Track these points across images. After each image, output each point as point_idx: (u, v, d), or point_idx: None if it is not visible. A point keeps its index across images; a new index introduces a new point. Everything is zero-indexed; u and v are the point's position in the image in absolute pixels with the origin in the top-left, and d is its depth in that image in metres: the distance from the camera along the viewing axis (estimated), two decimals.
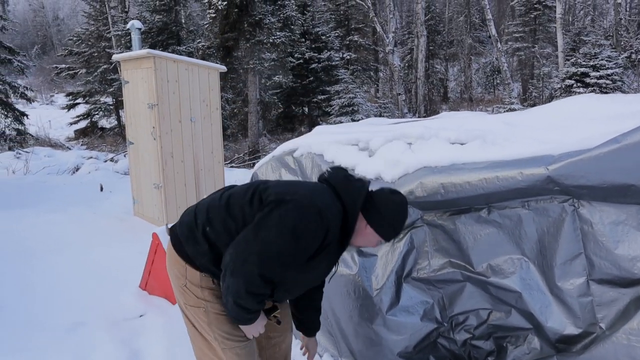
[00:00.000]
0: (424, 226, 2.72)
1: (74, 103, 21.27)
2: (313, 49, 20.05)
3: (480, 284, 2.54)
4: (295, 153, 3.38)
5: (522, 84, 25.93)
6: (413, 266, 2.77)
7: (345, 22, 25.76)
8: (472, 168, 2.39)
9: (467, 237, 2.55)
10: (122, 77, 6.66)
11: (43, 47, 58.35)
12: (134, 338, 3.73)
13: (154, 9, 17.68)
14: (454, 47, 31.07)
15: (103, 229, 6.38)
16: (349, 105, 16.28)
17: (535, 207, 2.30)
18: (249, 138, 16.32)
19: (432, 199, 2.53)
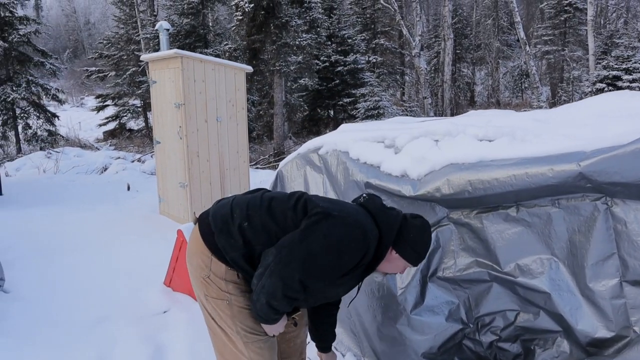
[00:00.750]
0: (450, 225, 2.67)
1: (103, 105, 21.67)
2: (339, 52, 20.04)
3: (508, 284, 2.48)
4: (321, 150, 3.36)
5: (551, 88, 25.51)
6: (438, 265, 2.72)
7: (372, 25, 25.71)
8: (500, 165, 2.32)
9: (494, 236, 2.49)
10: (150, 77, 6.75)
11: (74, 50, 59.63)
12: (157, 333, 3.75)
13: (182, 12, 17.90)
14: (481, 50, 30.73)
15: (129, 227, 6.46)
16: (374, 108, 16.22)
17: (565, 206, 2.23)
18: (274, 140, 16.37)
19: (460, 196, 2.47)
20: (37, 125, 17.04)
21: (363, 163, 3.00)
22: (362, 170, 2.97)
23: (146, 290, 4.44)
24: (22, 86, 16.09)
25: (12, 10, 16.11)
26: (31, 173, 10.76)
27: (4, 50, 15.71)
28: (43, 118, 17.10)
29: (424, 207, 2.70)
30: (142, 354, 3.45)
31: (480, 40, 31.15)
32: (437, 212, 2.68)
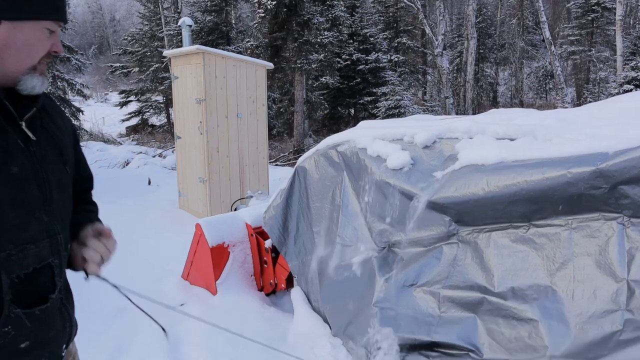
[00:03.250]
0: (458, 244, 2.58)
1: (127, 101, 21.96)
2: (361, 51, 19.98)
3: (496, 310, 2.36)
4: (339, 147, 3.34)
5: (577, 89, 25.09)
6: (427, 278, 2.66)
7: (394, 24, 25.56)
8: (520, 165, 2.27)
9: (496, 257, 2.39)
10: (172, 72, 6.81)
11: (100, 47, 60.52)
12: (174, 326, 3.76)
13: (206, 9, 18.04)
14: (505, 50, 30.36)
15: (149, 220, 6.53)
16: (395, 107, 16.14)
17: (578, 226, 2.12)
18: (294, 137, 16.40)
19: (476, 197, 2.41)
20: None
21: (381, 161, 2.98)
22: (380, 168, 2.95)
23: (164, 283, 4.47)
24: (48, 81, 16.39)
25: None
26: None
27: None
28: (68, 112, 17.39)
29: (436, 216, 2.65)
30: (159, 346, 3.48)
31: (505, 39, 30.77)
32: (448, 226, 2.61)
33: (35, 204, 1.24)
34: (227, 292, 4.03)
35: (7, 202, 1.17)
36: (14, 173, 1.19)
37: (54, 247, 1.31)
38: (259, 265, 4.14)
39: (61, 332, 1.37)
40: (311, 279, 3.49)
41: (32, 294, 1.26)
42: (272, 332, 3.60)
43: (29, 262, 1.23)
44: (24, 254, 1.22)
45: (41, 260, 1.27)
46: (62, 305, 1.37)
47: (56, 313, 1.34)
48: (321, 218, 3.44)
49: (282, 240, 3.71)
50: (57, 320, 1.34)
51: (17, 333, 1.22)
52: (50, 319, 1.31)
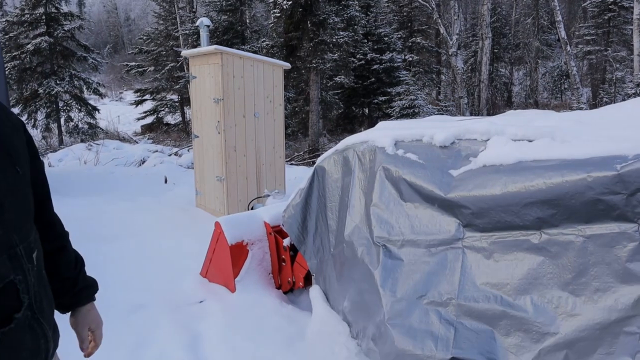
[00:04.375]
0: (462, 249, 2.58)
1: (142, 99, 22.17)
2: (375, 50, 19.99)
3: (516, 322, 2.33)
4: (358, 147, 3.38)
5: (592, 89, 24.88)
6: (438, 289, 2.63)
7: (408, 24, 25.51)
8: (539, 167, 2.28)
9: (510, 265, 2.37)
10: (190, 72, 6.88)
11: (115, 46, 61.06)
12: (193, 322, 3.83)
13: (221, 9, 18.16)
14: (520, 50, 30.19)
15: (167, 218, 6.61)
16: (409, 107, 16.14)
17: (592, 235, 2.10)
18: (309, 137, 16.45)
19: (492, 197, 2.42)
20: (78, 118, 17.60)
21: (400, 160, 3.01)
22: (397, 166, 2.98)
23: (183, 280, 4.53)
24: (65, 80, 16.62)
25: (57, 6, 16.64)
26: (73, 164, 11.10)
27: (49, 45, 16.22)
28: (84, 111, 17.63)
29: (448, 219, 2.65)
30: (179, 342, 3.53)
31: (519, 39, 30.60)
32: (454, 231, 2.61)
33: None
34: (245, 289, 4.08)
35: None
36: None
37: (14, 261, 1.16)
38: (277, 263, 4.19)
39: (34, 350, 1.23)
40: (329, 278, 3.54)
41: None
42: (290, 330, 3.64)
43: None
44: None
45: (2, 279, 1.13)
46: (32, 321, 1.22)
47: (25, 332, 1.20)
48: (336, 217, 3.48)
49: (301, 239, 3.76)
50: (27, 340, 1.20)
51: None
52: (18, 341, 1.18)
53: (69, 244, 1.61)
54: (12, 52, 16.27)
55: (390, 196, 2.97)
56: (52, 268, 1.44)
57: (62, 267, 1.53)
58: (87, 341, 1.57)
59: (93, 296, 1.64)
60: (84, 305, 1.60)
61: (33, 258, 1.25)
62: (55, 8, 16.62)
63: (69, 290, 1.55)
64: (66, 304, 1.55)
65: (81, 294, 1.59)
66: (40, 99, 16.45)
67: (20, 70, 16.30)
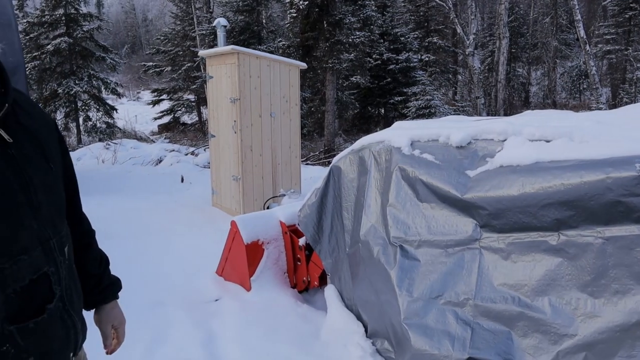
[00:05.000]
0: (479, 249, 2.57)
1: (159, 99, 22.35)
2: (391, 50, 19.93)
3: (533, 323, 2.31)
4: (374, 147, 3.38)
5: (612, 89, 24.55)
6: (454, 289, 2.62)
7: (425, 24, 25.40)
8: (556, 167, 2.26)
9: (528, 266, 2.35)
10: (207, 72, 6.93)
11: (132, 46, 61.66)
12: (209, 320, 3.86)
13: (237, 9, 18.25)
14: (538, 49, 29.88)
15: (183, 217, 6.67)
16: (426, 107, 16.08)
17: (611, 237, 2.07)
18: (324, 137, 16.46)
19: (510, 197, 2.40)
20: (96, 118, 17.80)
21: (416, 160, 3.00)
22: (414, 167, 2.98)
23: (198, 278, 4.57)
24: (84, 80, 16.82)
25: (76, 7, 16.85)
26: (91, 163, 11.23)
27: (68, 45, 16.44)
28: (102, 111, 17.83)
29: (464, 220, 2.64)
30: (195, 339, 3.56)
31: (537, 39, 30.29)
32: (471, 231, 2.60)
33: (23, 212, 1.16)
34: (261, 288, 4.10)
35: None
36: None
37: (48, 254, 1.22)
38: (293, 262, 4.21)
39: (64, 341, 1.28)
40: (344, 277, 3.54)
41: (29, 306, 1.18)
42: (305, 329, 3.65)
43: (24, 274, 1.16)
44: (18, 266, 1.14)
45: (37, 270, 1.19)
46: (63, 312, 1.27)
47: (56, 322, 1.25)
48: (351, 217, 3.49)
49: (316, 239, 3.77)
50: (58, 330, 1.26)
51: (18, 350, 1.15)
52: (50, 331, 1.23)
53: (95, 241, 1.65)
54: (33, 52, 16.52)
55: (407, 196, 2.97)
56: (79, 264, 1.47)
57: (88, 264, 1.57)
58: (110, 338, 1.60)
59: (117, 294, 1.67)
60: (108, 302, 1.63)
61: (65, 251, 1.30)
62: (74, 9, 16.83)
63: (94, 287, 1.58)
64: (91, 301, 1.57)
65: (106, 292, 1.63)
66: (59, 99, 16.68)
67: (40, 71, 16.54)
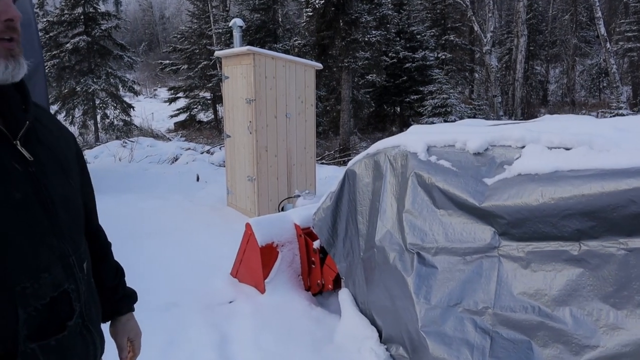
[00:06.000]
0: (498, 257, 2.53)
1: (175, 97, 22.48)
2: (407, 48, 19.82)
3: (554, 334, 2.27)
4: (389, 151, 3.35)
5: (633, 88, 24.17)
6: (473, 297, 2.58)
7: (442, 21, 25.20)
8: (577, 177, 2.21)
9: (547, 275, 2.31)
10: (223, 72, 6.94)
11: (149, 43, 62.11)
12: (223, 322, 3.86)
13: (254, 8, 18.28)
14: (557, 47, 29.52)
15: (198, 217, 6.69)
16: (442, 106, 15.96)
17: (634, 248, 2.03)
18: (340, 136, 16.43)
19: (529, 207, 2.36)
20: (113, 115, 17.97)
21: (432, 166, 2.97)
22: (430, 173, 2.94)
23: (213, 279, 4.58)
24: (102, 78, 16.98)
25: (95, 6, 17.01)
26: (108, 161, 11.32)
27: (87, 44, 16.60)
28: (119, 108, 17.99)
29: (482, 227, 2.61)
30: (209, 342, 3.57)
31: (556, 36, 29.92)
32: (489, 239, 2.56)
33: (44, 229, 1.15)
34: (275, 291, 4.10)
35: (16, 233, 1.08)
36: (18, 200, 1.09)
37: (68, 271, 1.21)
38: (307, 265, 4.20)
39: (84, 356, 1.27)
40: (358, 281, 3.52)
41: (50, 324, 1.17)
42: (319, 332, 3.65)
43: (45, 292, 1.14)
44: (39, 284, 1.12)
45: (57, 288, 1.17)
46: (82, 328, 1.26)
47: (76, 339, 1.24)
48: (366, 221, 3.47)
49: (331, 242, 3.75)
50: (78, 346, 1.25)
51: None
52: (71, 347, 1.22)
53: (111, 253, 1.66)
54: (52, 51, 16.70)
55: (423, 203, 2.94)
56: (95, 277, 1.47)
57: (104, 277, 1.57)
58: (125, 351, 1.60)
59: (132, 306, 1.67)
60: (123, 314, 1.63)
61: (84, 267, 1.29)
62: (93, 8, 16.98)
63: (109, 299, 1.58)
64: (106, 313, 1.57)
65: (121, 304, 1.63)
66: (77, 97, 16.86)
67: (59, 69, 16.72)
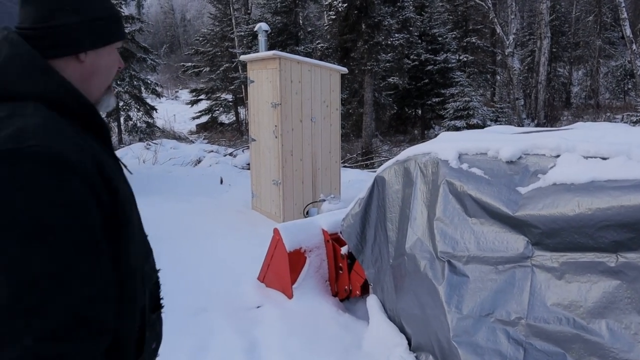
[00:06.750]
0: (531, 267, 2.51)
1: (197, 99, 22.67)
2: (429, 51, 19.73)
3: (590, 347, 2.23)
4: (419, 158, 3.34)
5: None
6: (505, 307, 2.56)
7: (463, 23, 25.02)
8: (614, 187, 2.18)
9: (582, 287, 2.28)
10: (248, 76, 6.99)
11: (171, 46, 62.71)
12: (251, 328, 3.88)
13: (275, 11, 18.36)
14: (581, 49, 29.09)
15: (223, 220, 6.74)
16: (464, 109, 15.84)
17: None
18: (362, 139, 16.40)
19: (564, 218, 2.33)
20: (137, 117, 18.17)
21: (464, 174, 2.96)
22: (462, 181, 2.93)
23: (240, 284, 4.60)
24: (125, 80, 17.19)
25: (119, 9, 17.23)
26: (132, 163, 11.44)
27: None
28: (143, 110, 18.20)
29: (515, 237, 2.59)
30: (237, 347, 3.59)
31: (580, 37, 29.49)
32: (522, 249, 2.54)
33: None
34: (302, 296, 4.11)
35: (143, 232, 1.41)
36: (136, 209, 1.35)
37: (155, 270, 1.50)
38: (334, 271, 4.21)
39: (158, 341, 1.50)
40: (387, 288, 3.52)
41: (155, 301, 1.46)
42: (347, 339, 3.65)
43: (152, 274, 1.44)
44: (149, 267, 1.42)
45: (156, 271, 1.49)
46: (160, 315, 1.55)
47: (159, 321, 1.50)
48: (396, 228, 3.46)
49: (359, 248, 3.76)
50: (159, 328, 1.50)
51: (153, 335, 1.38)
52: (160, 323, 1.49)
53: None
54: None
55: (455, 211, 2.93)
56: None
57: None
58: None
59: None
60: None
61: None
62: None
63: None
64: None
65: None
66: None
67: None
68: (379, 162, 14.08)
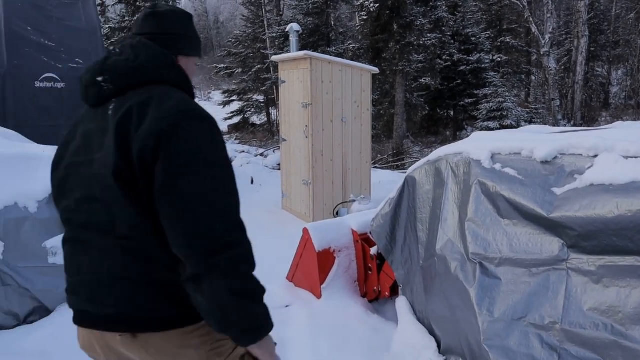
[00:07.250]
0: (566, 271, 2.44)
1: (229, 100, 22.89)
2: (462, 51, 19.47)
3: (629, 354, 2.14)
4: (451, 158, 3.29)
5: None
6: (539, 311, 2.50)
7: (497, 23, 24.61)
8: None
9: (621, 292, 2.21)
10: (279, 76, 7.02)
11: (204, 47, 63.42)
12: (280, 327, 3.83)
13: (307, 12, 18.41)
14: (621, 47, 28.28)
15: (253, 219, 6.74)
16: (497, 109, 15.57)
17: None
18: (393, 140, 16.29)
19: (603, 220, 2.26)
20: None
21: (497, 174, 2.90)
22: (495, 181, 2.88)
23: (269, 283, 4.53)
24: None
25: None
26: None
27: None
28: None
29: (550, 239, 2.52)
30: None
31: (620, 36, 28.67)
32: (557, 251, 2.46)
33: None
34: (331, 296, 4.09)
35: None
36: None
37: None
38: (364, 271, 4.18)
39: None
40: (416, 290, 3.48)
41: None
42: (375, 340, 3.62)
43: None
44: None
45: None
46: None
47: None
48: (426, 229, 3.42)
49: (389, 249, 3.72)
50: None
51: None
52: None
53: None
54: None
55: (487, 212, 2.87)
56: None
57: None
58: None
59: None
60: None
61: None
62: None
63: None
64: None
65: None
66: None
67: None
68: (410, 163, 13.97)
